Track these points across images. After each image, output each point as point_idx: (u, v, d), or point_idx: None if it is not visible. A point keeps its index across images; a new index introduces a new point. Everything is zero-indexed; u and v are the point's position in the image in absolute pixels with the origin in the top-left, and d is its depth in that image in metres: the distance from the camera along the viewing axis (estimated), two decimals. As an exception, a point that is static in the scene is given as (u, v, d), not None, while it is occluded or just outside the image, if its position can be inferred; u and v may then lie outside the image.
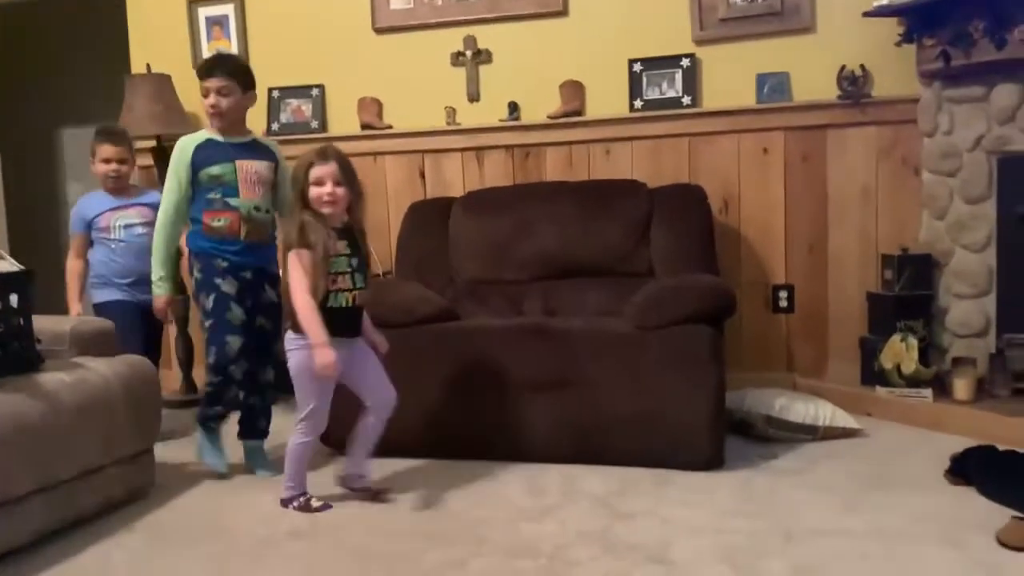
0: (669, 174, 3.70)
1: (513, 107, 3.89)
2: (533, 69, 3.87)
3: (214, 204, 2.79)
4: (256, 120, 4.12)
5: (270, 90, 4.13)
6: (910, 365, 3.22)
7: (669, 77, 3.72)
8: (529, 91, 3.87)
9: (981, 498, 2.43)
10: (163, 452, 2.88)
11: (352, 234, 2.49)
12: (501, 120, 3.90)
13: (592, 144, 3.83)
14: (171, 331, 4.16)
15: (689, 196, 3.54)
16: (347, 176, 2.45)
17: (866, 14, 3.30)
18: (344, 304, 2.44)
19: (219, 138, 2.84)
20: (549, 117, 3.85)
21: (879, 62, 3.47)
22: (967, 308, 3.32)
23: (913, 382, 3.22)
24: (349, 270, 2.45)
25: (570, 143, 3.85)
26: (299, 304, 2.39)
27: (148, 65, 4.02)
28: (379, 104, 4.06)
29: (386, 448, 2.69)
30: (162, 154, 4.02)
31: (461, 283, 3.58)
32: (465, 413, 2.92)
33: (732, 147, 3.69)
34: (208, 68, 2.83)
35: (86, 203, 3.39)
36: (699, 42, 3.70)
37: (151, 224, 3.09)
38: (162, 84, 4.00)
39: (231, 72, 2.82)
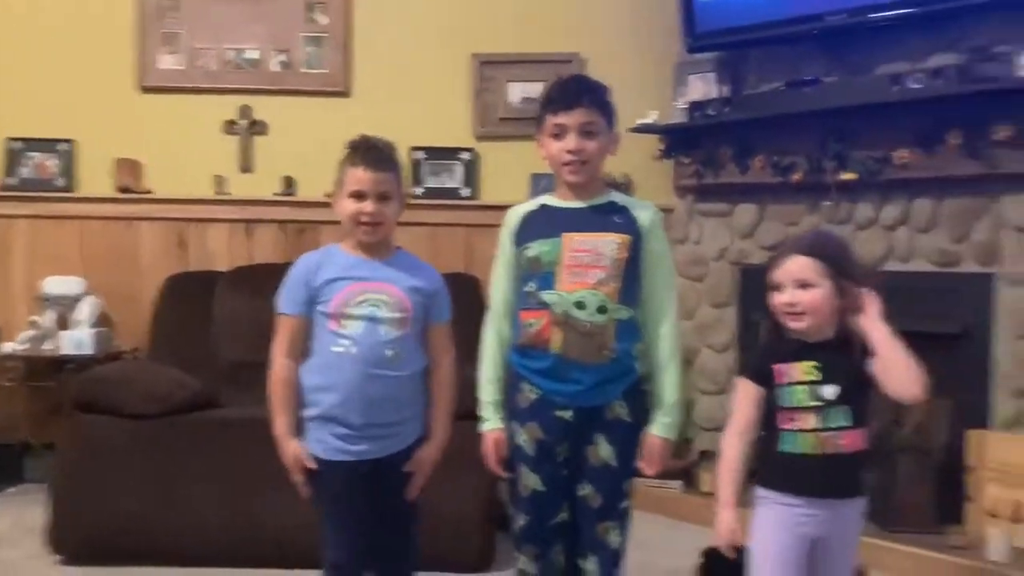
0: (446, 262, 3.72)
1: (288, 182, 3.76)
2: (311, 145, 3.77)
3: (529, 300, 1.90)
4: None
5: (8, 140, 3.71)
6: (662, 457, 3.44)
7: (449, 168, 3.79)
8: (306, 167, 3.77)
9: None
10: None
11: (835, 349, 1.77)
12: (275, 194, 3.76)
13: (370, 226, 3.79)
14: None
15: (464, 285, 3.58)
16: (838, 267, 1.77)
17: (631, 130, 3.57)
18: (807, 451, 1.75)
19: (558, 202, 1.97)
20: (327, 196, 3.75)
21: (642, 173, 3.75)
22: (711, 403, 3.62)
23: (663, 474, 3.43)
24: (817, 403, 1.74)
25: (347, 223, 3.78)
26: (721, 446, 1.86)
27: None
28: (139, 166, 3.77)
29: (135, 556, 2.43)
30: None
31: (224, 366, 3.36)
32: (226, 515, 2.71)
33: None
34: (567, 94, 1.88)
35: (314, 261, 1.99)
36: (480, 137, 3.82)
37: (407, 324, 1.95)
38: None
39: (599, 102, 1.89)
